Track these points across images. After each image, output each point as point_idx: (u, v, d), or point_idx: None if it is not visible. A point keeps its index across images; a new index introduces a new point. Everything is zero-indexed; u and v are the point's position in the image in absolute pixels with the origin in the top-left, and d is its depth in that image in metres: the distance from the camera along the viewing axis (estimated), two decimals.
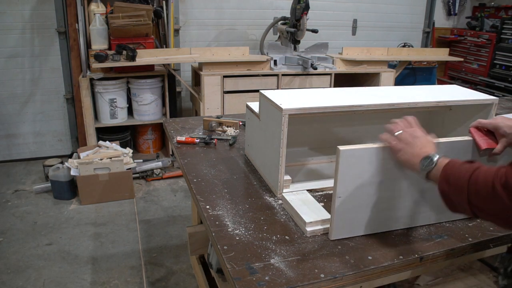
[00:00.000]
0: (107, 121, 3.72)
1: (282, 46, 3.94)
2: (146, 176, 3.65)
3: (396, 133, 1.11)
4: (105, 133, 3.77)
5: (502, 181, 0.83)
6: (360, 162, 1.10)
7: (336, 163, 1.09)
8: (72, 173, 3.15)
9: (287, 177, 1.41)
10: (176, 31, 4.16)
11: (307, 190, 1.40)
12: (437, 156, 1.00)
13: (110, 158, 3.21)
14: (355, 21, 4.93)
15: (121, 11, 3.42)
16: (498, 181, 0.84)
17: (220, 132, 2.02)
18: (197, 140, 1.86)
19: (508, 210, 0.83)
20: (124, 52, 3.36)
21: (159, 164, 3.66)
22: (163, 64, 3.67)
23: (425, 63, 4.76)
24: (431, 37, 5.42)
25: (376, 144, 1.12)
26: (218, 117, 2.10)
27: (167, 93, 3.78)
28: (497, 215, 0.87)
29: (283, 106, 1.30)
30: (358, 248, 1.13)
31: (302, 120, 1.67)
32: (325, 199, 1.39)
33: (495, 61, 5.13)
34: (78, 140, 3.95)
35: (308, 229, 1.18)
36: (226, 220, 1.24)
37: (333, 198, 1.12)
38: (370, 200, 1.16)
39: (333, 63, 3.94)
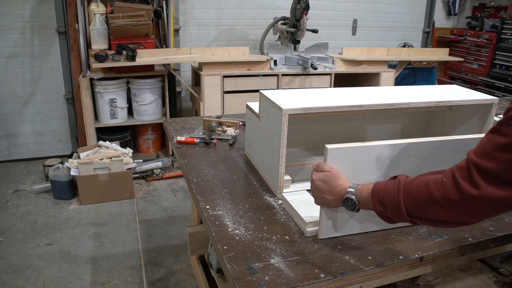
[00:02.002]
0: (107, 121, 3.72)
1: (282, 46, 3.94)
2: (146, 176, 3.65)
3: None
4: (105, 133, 3.77)
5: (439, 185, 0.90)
6: (348, 160, 1.10)
7: (324, 159, 1.10)
8: (72, 173, 3.15)
9: (287, 177, 1.41)
10: (176, 31, 4.17)
11: (307, 190, 1.40)
12: (352, 191, 1.03)
13: (110, 158, 3.21)
14: (355, 21, 4.93)
15: (121, 11, 3.42)
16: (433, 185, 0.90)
17: (220, 132, 2.02)
18: (197, 140, 1.86)
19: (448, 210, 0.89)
20: (124, 52, 3.36)
21: (159, 164, 3.66)
22: (163, 64, 3.67)
23: (425, 63, 4.76)
24: (431, 37, 5.42)
25: (364, 143, 1.12)
26: (218, 117, 2.10)
27: (167, 93, 3.78)
28: (437, 217, 0.91)
29: (283, 106, 1.30)
30: (358, 248, 1.13)
31: (302, 120, 1.67)
32: None
33: (495, 61, 5.13)
34: (78, 140, 3.95)
35: (308, 229, 1.18)
36: (226, 220, 1.24)
37: None
38: None
39: (333, 63, 3.94)
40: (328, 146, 1.08)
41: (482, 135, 0.93)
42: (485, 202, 0.84)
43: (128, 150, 3.46)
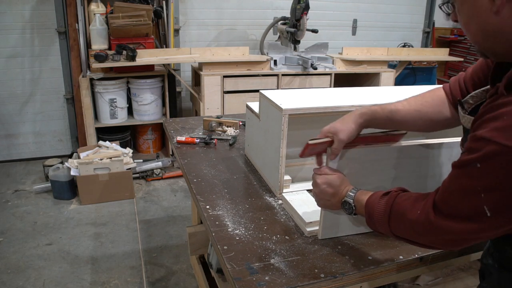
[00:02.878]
0: (107, 121, 3.72)
1: (282, 46, 3.94)
2: (146, 176, 3.65)
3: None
4: (105, 133, 3.77)
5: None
6: (349, 162, 1.10)
7: (326, 162, 1.10)
8: (72, 173, 3.15)
9: (287, 177, 1.41)
10: (176, 31, 4.16)
11: (307, 190, 1.40)
12: (352, 195, 1.04)
13: (110, 158, 3.21)
14: (355, 21, 4.93)
15: (121, 11, 3.42)
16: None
17: (220, 132, 2.02)
18: (197, 140, 1.86)
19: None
20: (124, 52, 3.36)
21: (159, 164, 3.66)
22: (163, 64, 3.67)
23: (425, 63, 4.76)
24: (431, 37, 5.42)
25: (365, 146, 1.12)
26: (218, 117, 2.10)
27: (167, 93, 3.78)
28: (417, 241, 0.92)
29: (283, 106, 1.30)
30: (358, 248, 1.13)
31: (302, 120, 1.67)
32: None
33: None
34: (78, 140, 3.95)
35: (308, 229, 1.18)
36: (226, 220, 1.24)
37: None
38: None
39: (333, 63, 3.94)
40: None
41: None
42: (441, 232, 0.83)
43: (128, 150, 3.46)
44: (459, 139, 1.22)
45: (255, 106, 1.60)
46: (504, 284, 0.91)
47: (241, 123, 2.07)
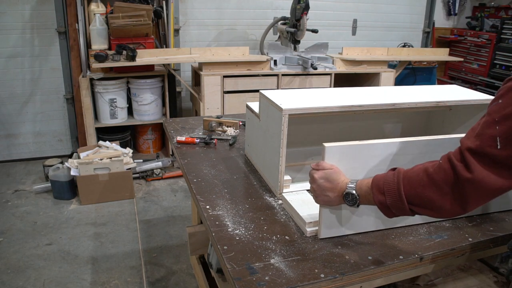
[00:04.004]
0: (107, 121, 3.72)
1: (282, 46, 3.94)
2: (146, 176, 3.65)
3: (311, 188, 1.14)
4: (105, 133, 3.77)
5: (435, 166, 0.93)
6: (346, 158, 1.11)
7: (322, 157, 1.11)
8: (72, 173, 3.15)
9: (287, 177, 1.41)
10: (176, 31, 4.17)
11: (307, 190, 1.40)
12: (353, 186, 1.05)
13: (110, 158, 3.21)
14: (355, 21, 4.93)
15: (121, 11, 3.42)
16: (431, 167, 0.94)
17: (220, 132, 2.02)
18: (197, 140, 1.86)
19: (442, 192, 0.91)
20: (124, 52, 3.36)
21: (159, 164, 3.66)
22: (163, 64, 3.67)
23: (425, 63, 4.76)
24: (431, 37, 5.42)
25: (361, 141, 1.13)
26: (218, 117, 2.10)
27: (167, 93, 3.78)
28: (434, 202, 0.93)
29: (283, 106, 1.30)
30: (358, 248, 1.13)
31: (302, 120, 1.67)
32: None
33: (495, 61, 5.13)
34: (78, 140, 3.95)
35: (308, 229, 1.18)
36: (226, 220, 1.24)
37: None
38: None
39: (333, 63, 3.94)
40: (326, 144, 1.09)
41: None
42: (478, 186, 0.86)
43: (128, 150, 3.46)
44: (458, 135, 1.23)
45: (255, 106, 1.60)
46: None
47: (241, 123, 2.07)
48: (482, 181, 0.85)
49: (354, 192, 1.04)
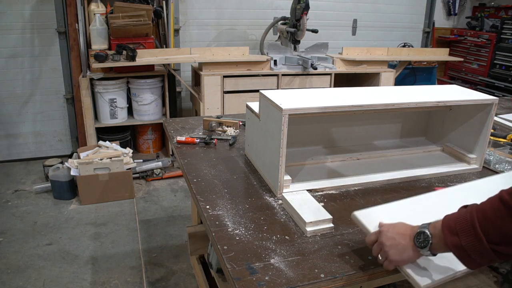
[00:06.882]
0: (107, 121, 3.72)
1: (282, 46, 3.94)
2: (146, 176, 3.65)
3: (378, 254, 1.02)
4: (105, 133, 3.77)
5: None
6: (380, 218, 1.09)
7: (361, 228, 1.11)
8: (72, 173, 3.15)
9: (287, 177, 1.41)
10: (176, 31, 4.17)
11: (307, 190, 1.40)
12: (426, 225, 0.93)
13: (110, 158, 3.21)
14: (355, 21, 4.93)
15: (121, 11, 3.42)
16: (506, 193, 0.80)
17: (220, 132, 2.02)
18: (197, 140, 1.86)
19: None
20: (124, 52, 3.36)
21: (159, 164, 3.66)
22: (163, 64, 3.67)
23: (425, 63, 4.76)
24: (431, 37, 5.43)
25: (390, 203, 1.14)
26: (218, 117, 2.10)
27: (167, 93, 3.78)
28: None
29: (283, 106, 1.30)
30: (358, 248, 1.13)
31: (302, 120, 1.67)
32: (325, 199, 1.39)
33: (495, 61, 5.13)
34: (78, 140, 3.95)
35: (308, 229, 1.18)
36: (226, 220, 1.24)
37: None
38: None
39: (333, 63, 3.94)
40: (355, 212, 1.11)
41: None
42: None
43: (128, 150, 3.46)
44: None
45: (255, 106, 1.60)
46: None
47: (241, 123, 2.07)
48: None
49: (426, 231, 0.90)
